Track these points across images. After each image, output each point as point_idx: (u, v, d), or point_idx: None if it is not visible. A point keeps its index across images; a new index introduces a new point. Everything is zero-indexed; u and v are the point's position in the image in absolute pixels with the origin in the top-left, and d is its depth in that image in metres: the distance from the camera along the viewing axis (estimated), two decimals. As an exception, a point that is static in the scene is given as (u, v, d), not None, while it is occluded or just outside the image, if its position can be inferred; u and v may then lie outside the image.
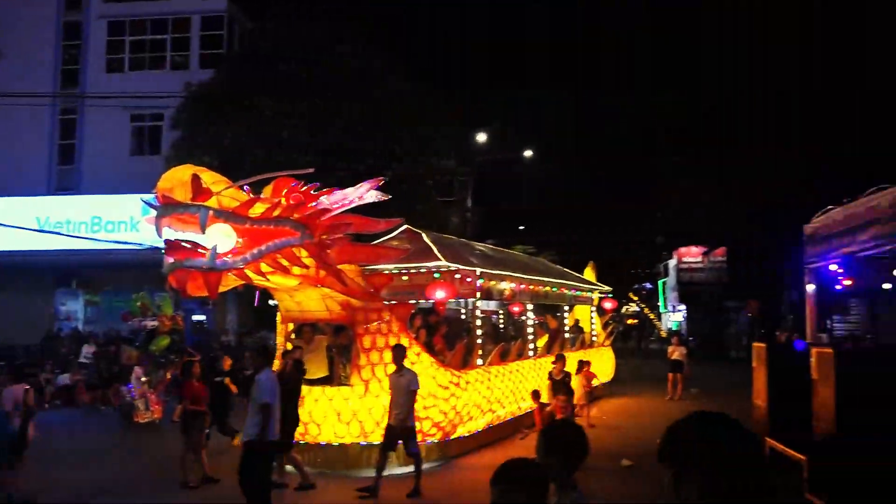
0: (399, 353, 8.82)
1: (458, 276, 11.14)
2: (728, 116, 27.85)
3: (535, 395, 11.01)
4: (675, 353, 17.92)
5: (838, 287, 9.17)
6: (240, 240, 7.51)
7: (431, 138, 24.11)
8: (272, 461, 7.87)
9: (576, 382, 12.70)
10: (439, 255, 10.96)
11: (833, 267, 9.53)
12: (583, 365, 13.53)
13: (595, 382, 14.16)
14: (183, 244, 7.20)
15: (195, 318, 25.76)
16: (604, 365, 17.45)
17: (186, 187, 7.23)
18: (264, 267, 7.80)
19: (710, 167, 31.30)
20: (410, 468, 9.51)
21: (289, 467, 9.00)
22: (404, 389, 8.55)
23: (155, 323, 13.71)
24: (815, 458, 6.52)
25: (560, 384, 10.72)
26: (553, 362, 12.29)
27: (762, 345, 9.00)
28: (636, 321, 54.81)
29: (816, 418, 6.59)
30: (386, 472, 9.38)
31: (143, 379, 13.31)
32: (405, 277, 11.21)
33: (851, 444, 5.90)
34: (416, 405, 8.83)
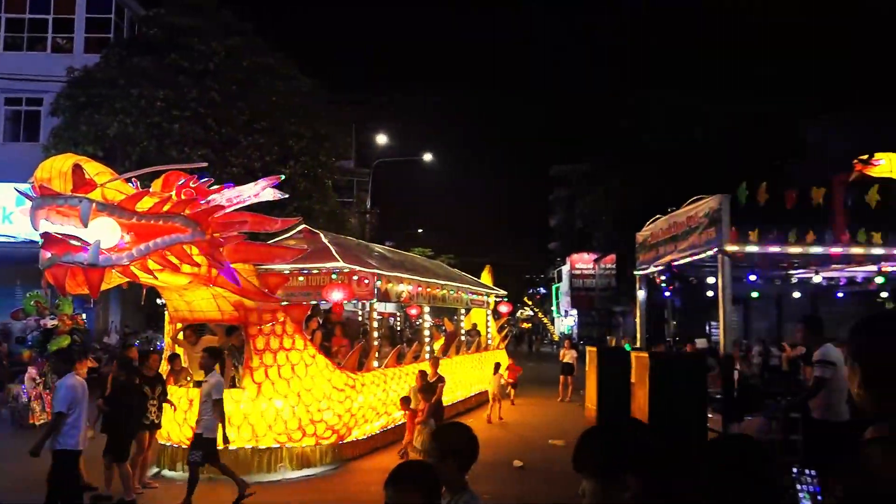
0: (210, 357, 8.34)
1: (355, 277, 11.05)
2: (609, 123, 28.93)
3: (405, 401, 10.38)
4: (567, 356, 18.51)
5: (667, 294, 9.63)
6: (125, 235, 7.14)
7: (330, 137, 23.86)
8: (73, 471, 7.33)
9: (494, 385, 14.62)
10: (337, 256, 10.84)
11: (652, 271, 10.00)
12: (498, 367, 15.21)
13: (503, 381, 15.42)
14: (62, 238, 6.76)
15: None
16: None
17: (67, 178, 6.80)
18: (152, 264, 7.45)
19: (596, 174, 32.46)
20: (304, 472, 9.36)
21: (183, 473, 8.63)
22: (205, 396, 8.07)
23: (55, 322, 13.06)
24: None
25: (425, 389, 10.25)
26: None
27: (594, 349, 9.36)
28: (530, 325, 56.24)
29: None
30: (278, 477, 9.19)
31: (38, 380, 12.83)
32: (302, 278, 11.01)
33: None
34: (212, 413, 8.06)
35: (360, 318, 15.90)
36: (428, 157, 33.11)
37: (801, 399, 6.91)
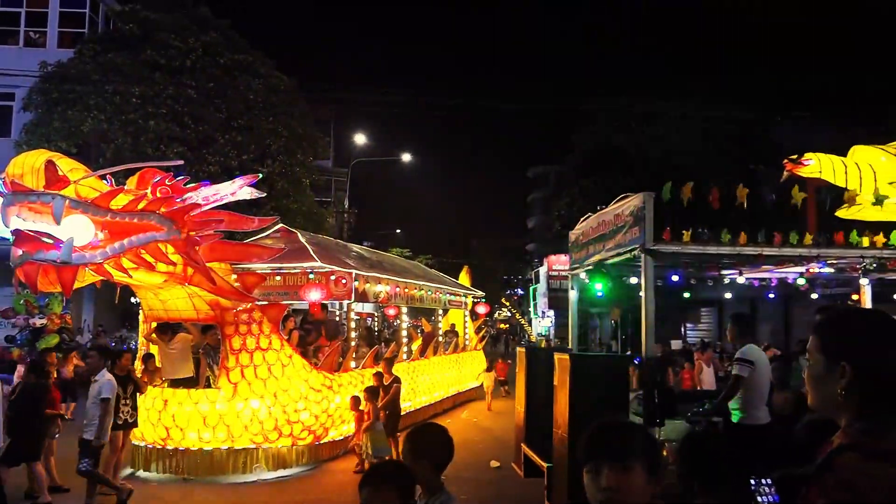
0: (99, 357, 8.13)
1: (333, 277, 11.00)
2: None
3: (355, 401, 10.01)
4: None
5: (599, 294, 9.27)
6: (99, 233, 7.03)
7: (308, 136, 23.74)
8: None
9: (488, 380, 16.80)
10: (314, 256, 10.78)
11: (583, 273, 9.58)
12: (493, 364, 17.37)
13: (482, 381, 17.23)
14: (34, 235, 6.64)
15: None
16: (476, 368, 17.82)
17: (39, 174, 6.69)
18: (126, 262, 7.36)
19: (571, 176, 32.61)
20: (280, 473, 9.30)
21: (157, 474, 8.52)
22: (93, 398, 7.77)
23: (44, 321, 13.08)
24: (550, 468, 6.68)
25: (370, 391, 9.78)
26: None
27: (522, 350, 8.88)
28: (507, 326, 56.37)
29: (556, 424, 6.56)
30: (254, 478, 9.12)
31: None
32: (279, 278, 10.94)
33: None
34: (100, 415, 7.73)
35: (337, 319, 15.84)
36: (406, 157, 33.08)
37: (719, 401, 6.67)
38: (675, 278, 8.66)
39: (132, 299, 10.86)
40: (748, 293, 15.44)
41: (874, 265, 7.61)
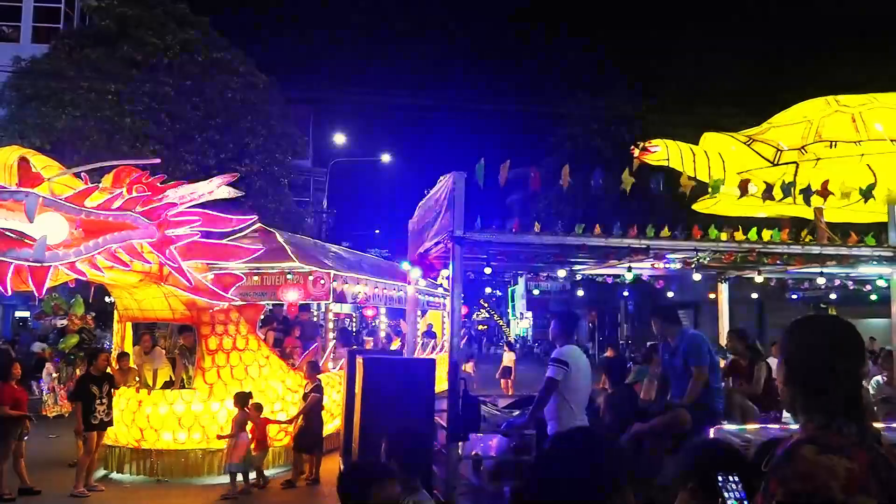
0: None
1: (311, 277, 10.94)
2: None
3: (257, 407, 8.88)
4: (506, 359, 18.76)
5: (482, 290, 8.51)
6: (74, 231, 6.94)
7: (286, 135, 23.60)
8: None
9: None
10: (292, 256, 10.71)
11: (405, 266, 8.66)
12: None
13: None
14: (6, 233, 6.54)
15: (18, 314, 23.62)
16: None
17: (12, 171, 6.60)
18: (101, 261, 7.27)
19: (550, 177, 32.78)
20: (253, 474, 9.22)
21: (131, 476, 8.41)
22: None
23: (65, 322, 13.48)
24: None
25: (239, 397, 8.77)
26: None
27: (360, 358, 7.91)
28: (486, 327, 56.48)
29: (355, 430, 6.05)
30: (229, 479, 9.03)
31: (54, 375, 13.58)
32: (256, 278, 10.85)
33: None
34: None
35: (314, 319, 15.76)
36: (386, 157, 32.99)
37: (532, 409, 5.78)
38: (487, 270, 7.37)
39: (107, 298, 10.72)
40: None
41: (707, 259, 6.81)
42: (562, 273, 8.15)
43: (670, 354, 6.15)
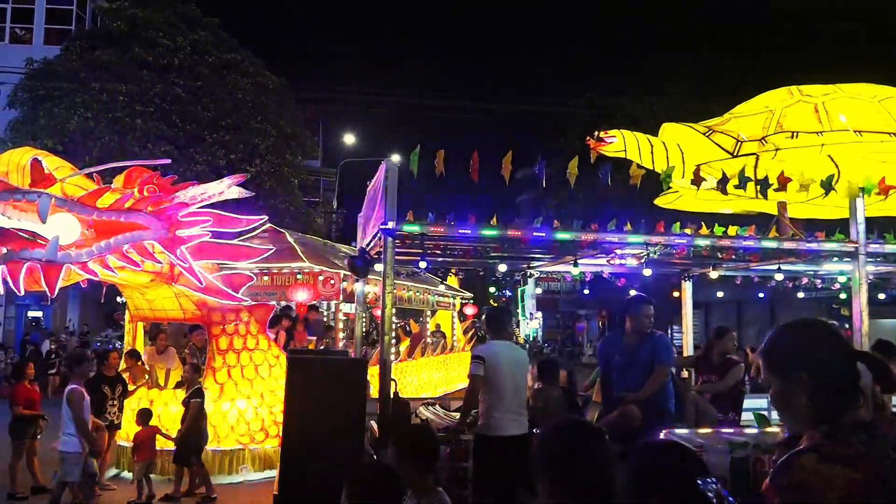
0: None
1: (321, 277, 10.97)
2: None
3: (145, 414, 8.45)
4: None
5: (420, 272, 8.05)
6: (86, 231, 6.99)
7: (296, 136, 23.67)
8: None
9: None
10: (303, 256, 10.74)
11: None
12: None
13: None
14: (19, 233, 6.59)
15: (31, 314, 23.80)
16: (464, 369, 17.79)
17: (25, 172, 6.65)
18: (112, 261, 7.31)
19: (557, 178, 32.74)
20: (267, 474, 9.26)
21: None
22: None
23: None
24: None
25: (141, 415, 8.44)
26: None
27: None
28: (494, 327, 56.50)
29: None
30: (240, 479, 9.08)
31: None
32: (266, 278, 10.88)
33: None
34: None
35: (324, 319, 15.81)
36: (395, 157, 33.02)
37: (462, 410, 5.59)
38: (422, 265, 7.02)
39: (118, 299, 10.81)
40: (734, 295, 15.49)
41: (657, 254, 6.48)
42: (575, 270, 7.92)
43: (634, 346, 5.81)
